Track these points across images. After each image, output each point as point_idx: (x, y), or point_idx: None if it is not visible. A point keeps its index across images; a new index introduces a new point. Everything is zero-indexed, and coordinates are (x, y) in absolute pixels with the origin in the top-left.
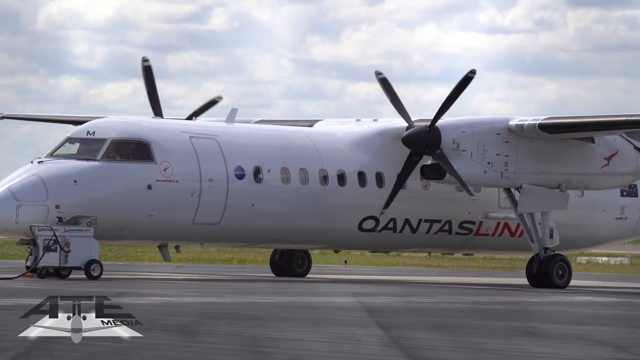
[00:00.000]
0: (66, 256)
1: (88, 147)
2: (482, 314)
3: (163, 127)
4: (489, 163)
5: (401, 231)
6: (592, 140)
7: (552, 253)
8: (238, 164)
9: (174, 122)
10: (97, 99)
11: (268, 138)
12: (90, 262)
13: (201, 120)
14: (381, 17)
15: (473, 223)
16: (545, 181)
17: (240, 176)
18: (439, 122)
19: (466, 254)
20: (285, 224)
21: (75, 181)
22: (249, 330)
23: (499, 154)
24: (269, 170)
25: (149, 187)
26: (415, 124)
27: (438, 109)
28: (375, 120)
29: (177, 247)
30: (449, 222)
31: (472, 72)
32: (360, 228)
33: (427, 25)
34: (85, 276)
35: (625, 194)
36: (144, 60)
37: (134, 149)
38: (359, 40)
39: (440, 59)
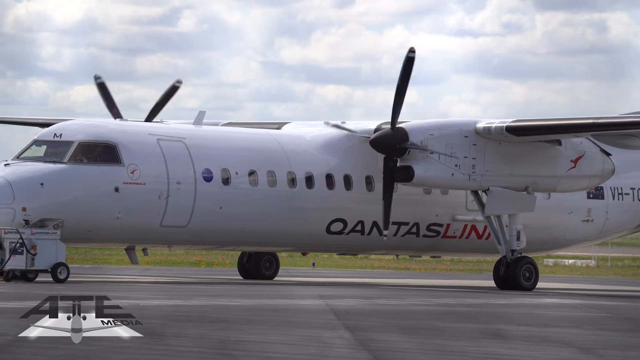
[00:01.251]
0: (33, 259)
1: (55, 149)
2: (449, 316)
3: (130, 130)
4: (456, 165)
5: (369, 234)
6: (559, 142)
7: (519, 255)
8: (206, 166)
9: (141, 124)
10: (65, 102)
11: (236, 141)
12: (57, 265)
13: (169, 123)
14: (350, 19)
15: (441, 225)
16: (513, 183)
17: (208, 179)
18: (407, 124)
19: (434, 257)
20: (253, 227)
21: (42, 184)
22: (216, 333)
23: (467, 157)
24: (236, 173)
25: (117, 189)
26: (383, 126)
27: (393, 100)
28: (343, 122)
29: (144, 250)
30: (417, 224)
31: (412, 51)
32: (328, 230)
33: (396, 28)
34: (51, 279)
35: (591, 196)
36: (97, 77)
37: (101, 152)
38: (328, 43)
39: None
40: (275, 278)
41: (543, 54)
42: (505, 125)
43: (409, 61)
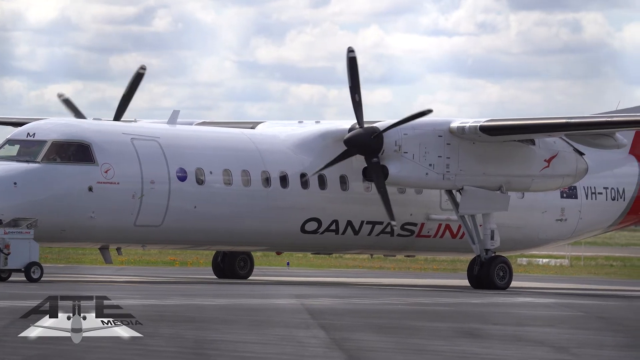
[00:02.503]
0: (6, 258)
1: (28, 148)
2: (423, 316)
3: (104, 129)
4: (430, 165)
5: (343, 233)
6: (532, 142)
7: (493, 254)
8: (180, 165)
9: (115, 124)
10: (39, 101)
11: (210, 140)
12: (31, 265)
13: (143, 122)
14: (325, 19)
15: (415, 225)
16: (487, 183)
17: (182, 178)
18: (381, 124)
19: (408, 256)
20: (227, 226)
21: (15, 183)
22: (191, 333)
23: (441, 156)
24: (211, 172)
25: (90, 189)
26: (357, 126)
27: (351, 101)
28: (317, 122)
29: (118, 249)
30: (391, 223)
31: (351, 51)
32: (302, 230)
33: (370, 28)
34: (25, 279)
35: (565, 195)
36: (60, 95)
37: (74, 151)
38: (303, 42)
39: (383, 60)
40: (250, 277)
41: (517, 53)
42: (479, 124)
43: (352, 61)
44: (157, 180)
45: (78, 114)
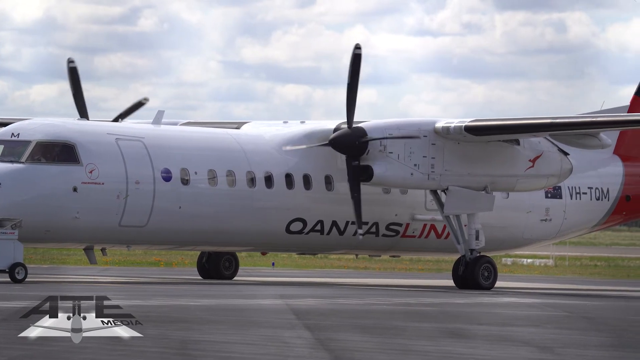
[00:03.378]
0: None
1: (13, 149)
2: (408, 316)
3: (89, 129)
4: (415, 165)
5: (328, 233)
6: (517, 142)
7: (478, 255)
8: (165, 166)
9: (100, 124)
10: (24, 101)
11: (195, 140)
12: (15, 265)
13: (128, 122)
14: (310, 19)
15: (400, 225)
16: (471, 183)
17: (167, 178)
18: (366, 124)
19: (393, 256)
20: (212, 226)
21: None
22: (175, 333)
23: (426, 156)
24: (196, 173)
25: (75, 189)
26: (342, 126)
27: (346, 99)
28: (302, 122)
29: (103, 250)
30: (376, 224)
31: (358, 48)
32: (287, 230)
33: (355, 28)
34: (9, 279)
35: (549, 195)
36: (70, 61)
37: (59, 151)
38: (288, 42)
39: (368, 61)
40: (235, 278)
41: (502, 53)
42: (464, 125)
43: (356, 58)
44: (142, 181)
45: (78, 89)
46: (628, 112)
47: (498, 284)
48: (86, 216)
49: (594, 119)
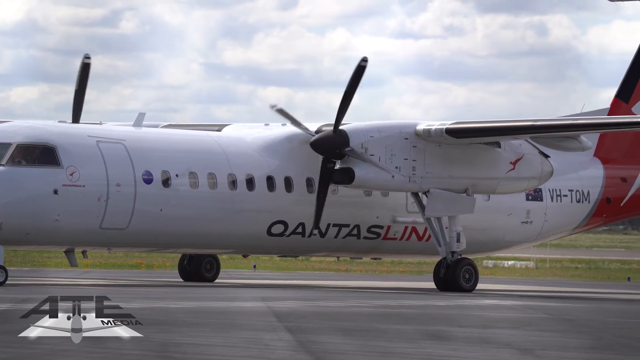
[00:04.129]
0: None
1: None
2: (390, 318)
3: (69, 132)
4: (396, 167)
5: (310, 236)
6: (498, 145)
7: (459, 257)
8: (146, 168)
9: (80, 126)
10: (4, 103)
11: (176, 142)
12: None
13: (109, 125)
14: (292, 22)
15: (381, 227)
16: (452, 185)
17: (148, 181)
18: (347, 127)
19: (374, 258)
20: (193, 229)
21: None
22: (157, 336)
23: (407, 159)
24: (177, 175)
25: (55, 191)
26: (324, 128)
27: (340, 104)
28: (283, 124)
29: (84, 252)
30: (358, 226)
31: (365, 61)
32: (269, 233)
33: (337, 30)
34: None
35: (530, 198)
36: (86, 57)
37: (39, 154)
38: (270, 44)
39: (350, 63)
40: (216, 280)
41: (484, 56)
42: (445, 127)
43: (360, 69)
44: (122, 183)
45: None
46: (608, 115)
47: (479, 286)
48: (67, 219)
49: (574, 122)
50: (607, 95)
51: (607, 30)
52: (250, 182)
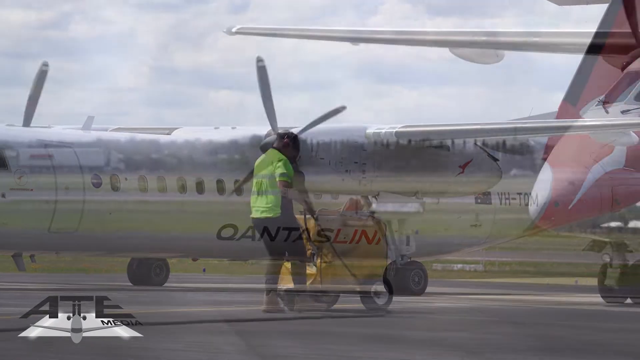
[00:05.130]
0: None
1: None
2: (339, 321)
3: (17, 135)
4: (346, 171)
5: (260, 239)
6: (447, 148)
7: (409, 260)
8: (95, 172)
9: (29, 129)
10: None
11: (125, 146)
12: None
13: (57, 128)
14: (243, 25)
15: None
16: (402, 188)
17: (97, 184)
18: (297, 131)
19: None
20: (143, 233)
21: None
22: (104, 340)
23: (357, 162)
24: (126, 179)
25: (3, 195)
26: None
27: (264, 107)
28: (233, 128)
29: (32, 257)
30: (307, 230)
31: (260, 61)
32: (219, 236)
33: None
34: None
35: (479, 201)
36: (44, 64)
37: None
38: (221, 47)
39: (301, 66)
40: (166, 284)
41: (434, 59)
42: (394, 130)
43: (261, 70)
44: (71, 187)
45: (38, 92)
46: (556, 118)
47: (428, 289)
48: (14, 223)
49: (522, 125)
50: (556, 99)
51: (556, 34)
52: (200, 186)
